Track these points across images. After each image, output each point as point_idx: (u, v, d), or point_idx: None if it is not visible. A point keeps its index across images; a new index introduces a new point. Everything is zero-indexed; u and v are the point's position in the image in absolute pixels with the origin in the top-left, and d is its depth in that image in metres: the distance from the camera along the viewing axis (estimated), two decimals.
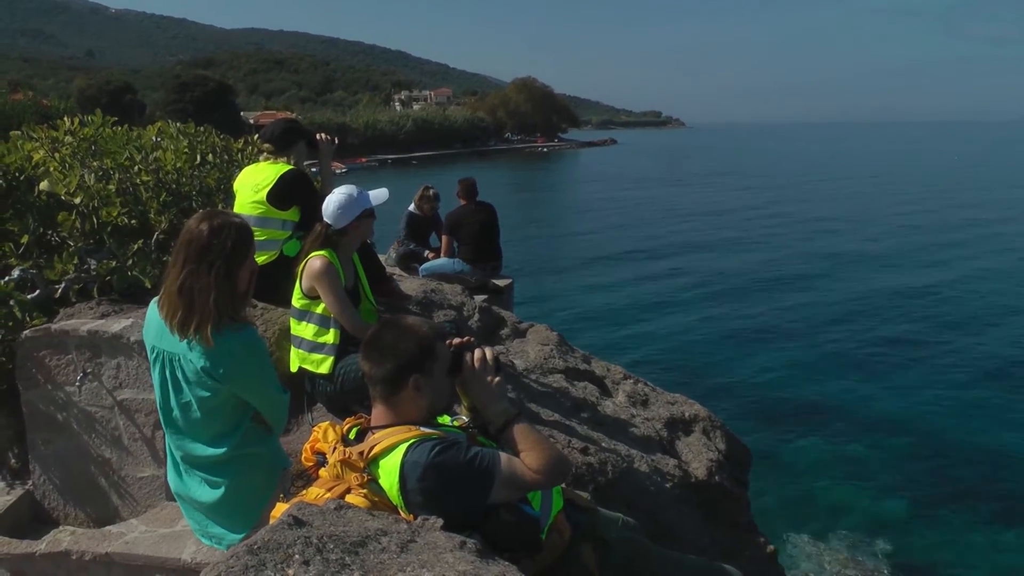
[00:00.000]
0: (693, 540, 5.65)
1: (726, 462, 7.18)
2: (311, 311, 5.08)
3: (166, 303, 3.41)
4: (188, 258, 3.35)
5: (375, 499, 2.84)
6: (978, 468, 16.70)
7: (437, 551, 2.42)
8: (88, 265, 6.23)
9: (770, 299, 30.90)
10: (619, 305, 30.39)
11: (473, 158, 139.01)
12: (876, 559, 13.26)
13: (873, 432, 18.47)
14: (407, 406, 3.05)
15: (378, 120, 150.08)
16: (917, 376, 22.21)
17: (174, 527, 5.27)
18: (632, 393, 7.76)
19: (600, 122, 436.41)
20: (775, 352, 24.39)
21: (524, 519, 3.01)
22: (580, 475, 5.30)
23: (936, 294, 31.45)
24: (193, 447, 3.61)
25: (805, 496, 15.59)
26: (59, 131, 7.32)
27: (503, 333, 7.92)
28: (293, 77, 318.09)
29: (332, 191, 5.37)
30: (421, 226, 11.51)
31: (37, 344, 5.43)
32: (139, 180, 6.89)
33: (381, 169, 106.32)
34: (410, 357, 3.02)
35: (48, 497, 5.70)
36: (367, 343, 3.09)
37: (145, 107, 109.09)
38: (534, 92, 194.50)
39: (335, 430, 3.15)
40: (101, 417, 5.50)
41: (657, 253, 41.68)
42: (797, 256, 40.13)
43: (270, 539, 2.30)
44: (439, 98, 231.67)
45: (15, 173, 6.36)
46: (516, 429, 3.08)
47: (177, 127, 8.35)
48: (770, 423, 18.82)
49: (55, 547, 5.30)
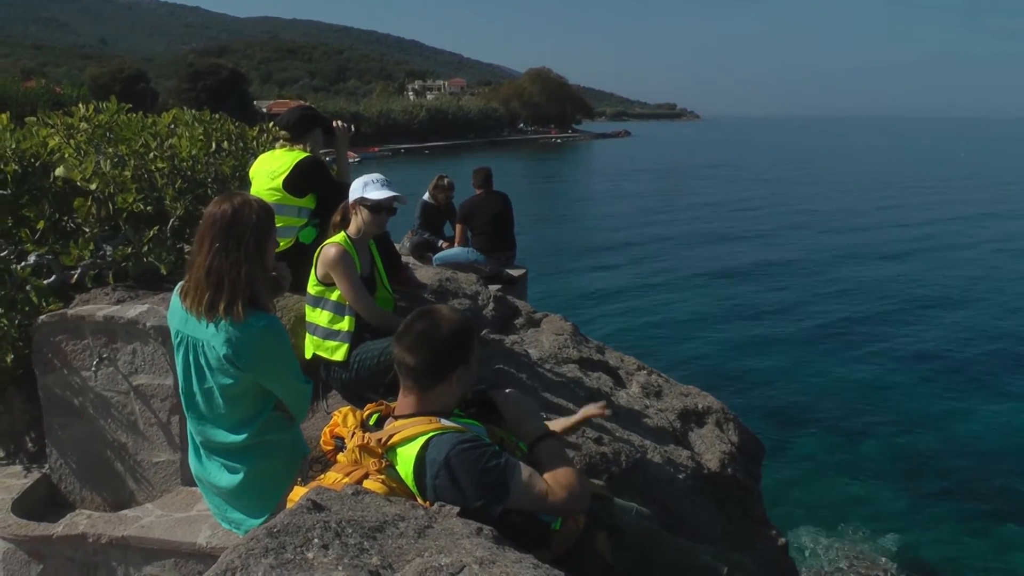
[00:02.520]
0: (705, 531, 5.65)
1: (739, 454, 7.18)
2: (326, 298, 5.09)
3: (192, 289, 3.41)
4: (215, 238, 3.35)
5: (392, 485, 2.85)
6: (991, 465, 16.61)
7: (454, 537, 2.42)
8: (104, 251, 6.25)
9: (786, 294, 30.74)
10: (633, 296, 30.29)
11: (487, 148, 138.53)
12: (886, 554, 13.22)
13: (886, 428, 18.39)
14: (441, 397, 3.05)
15: (391, 109, 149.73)
16: (933, 374, 22.08)
17: (189, 511, 5.30)
18: (646, 384, 7.76)
19: (614, 113, 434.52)
20: (789, 347, 24.27)
21: (532, 521, 3.01)
22: (594, 464, 5.31)
23: (964, 292, 31.20)
24: (214, 433, 3.62)
25: (817, 490, 15.54)
26: (74, 117, 7.32)
27: (517, 323, 7.92)
28: (306, 66, 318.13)
29: (349, 178, 5.37)
30: (435, 215, 11.51)
31: (53, 329, 5.45)
32: (154, 167, 6.89)
33: (394, 158, 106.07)
34: (452, 350, 3.02)
35: (65, 481, 5.74)
36: (403, 333, 3.06)
37: (158, 95, 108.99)
38: (548, 83, 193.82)
39: (355, 415, 3.15)
40: (117, 402, 5.52)
41: (672, 245, 41.50)
42: (816, 250, 39.83)
43: (289, 523, 2.31)
44: (453, 88, 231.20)
45: (30, 159, 6.37)
46: (550, 444, 3.10)
47: (192, 114, 8.34)
48: (783, 417, 18.76)
49: (72, 530, 5.33)
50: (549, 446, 3.09)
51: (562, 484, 2.93)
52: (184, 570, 5.09)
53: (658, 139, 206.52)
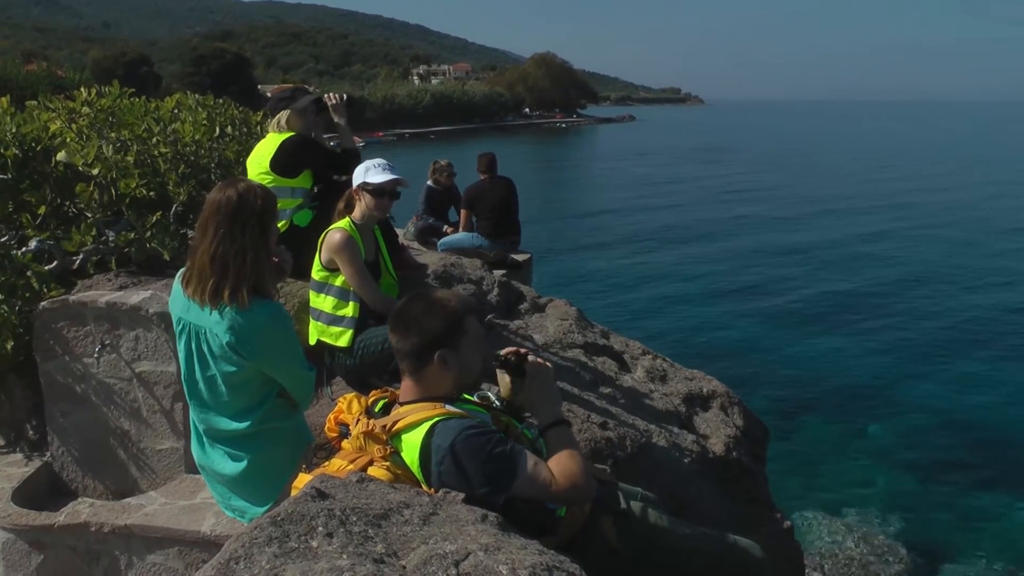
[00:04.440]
0: (711, 515, 5.63)
1: (744, 438, 7.16)
2: (330, 283, 5.07)
3: (195, 276, 3.39)
4: (219, 224, 3.33)
5: (397, 472, 2.83)
6: (995, 447, 16.64)
7: (459, 524, 2.40)
8: (106, 237, 6.23)
9: (789, 277, 30.76)
10: (637, 281, 30.33)
11: (492, 133, 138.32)
12: (891, 536, 13.24)
13: (890, 410, 18.44)
14: (433, 381, 3.03)
15: (396, 94, 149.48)
16: (937, 356, 22.11)
17: (193, 499, 5.29)
18: (650, 368, 7.74)
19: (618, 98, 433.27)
20: (793, 330, 24.33)
21: (537, 508, 2.99)
22: (599, 449, 5.29)
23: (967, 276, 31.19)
24: (217, 421, 3.60)
25: (822, 473, 15.59)
26: (76, 102, 7.29)
27: (522, 308, 7.89)
28: (311, 50, 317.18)
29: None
30: (440, 200, 11.51)
31: (55, 316, 5.44)
32: (157, 152, 6.88)
33: (399, 143, 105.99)
34: (436, 331, 3.00)
35: (66, 469, 5.73)
36: (395, 316, 3.06)
37: (161, 79, 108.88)
38: (553, 68, 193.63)
39: (360, 402, 3.13)
40: (119, 389, 5.51)
41: (676, 229, 41.52)
42: (819, 235, 39.84)
43: (293, 511, 2.29)
44: (458, 73, 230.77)
45: (32, 143, 6.36)
46: (561, 431, 3.08)
47: (196, 99, 8.32)
48: (788, 400, 18.80)
49: (74, 519, 5.32)
50: (559, 434, 3.06)
51: (567, 475, 2.91)
52: (188, 559, 5.08)
53: (662, 123, 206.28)
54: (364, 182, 5.13)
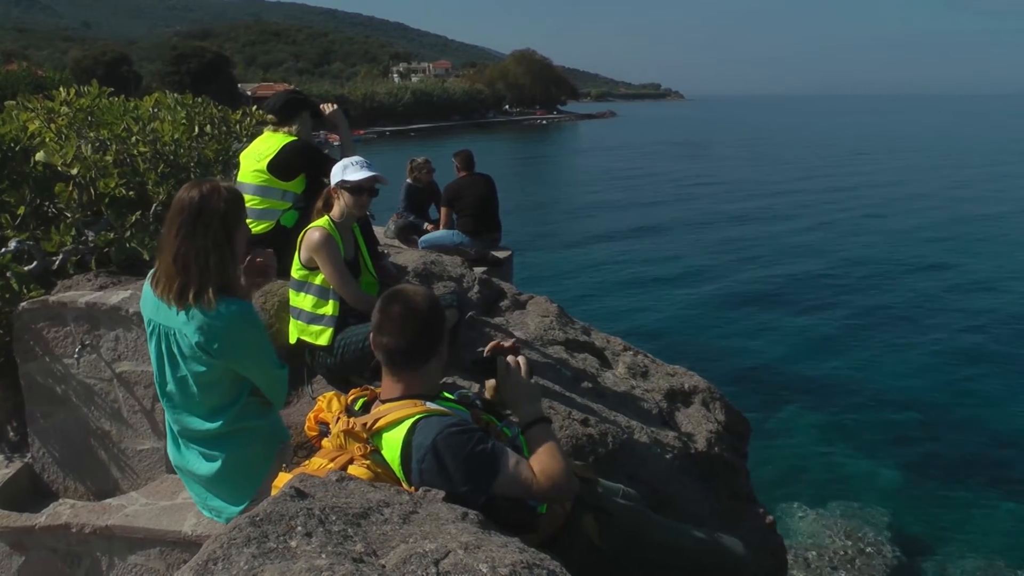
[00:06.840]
0: (693, 511, 5.65)
1: (726, 433, 7.18)
2: (310, 282, 5.06)
3: (162, 277, 3.39)
4: (183, 224, 3.34)
5: (377, 470, 2.83)
6: (976, 439, 16.76)
7: (439, 522, 2.41)
8: (86, 236, 6.21)
9: (769, 272, 30.87)
10: (619, 277, 30.38)
11: (472, 130, 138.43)
12: (874, 528, 13.30)
13: (870, 403, 18.54)
14: (424, 379, 3.04)
15: (376, 92, 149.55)
16: (916, 347, 22.24)
17: (174, 500, 5.27)
18: (632, 364, 7.75)
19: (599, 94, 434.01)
20: (774, 324, 24.42)
21: (518, 505, 3.00)
22: (581, 446, 5.29)
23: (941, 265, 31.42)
24: (190, 421, 3.60)
25: (804, 467, 15.65)
26: (55, 101, 7.25)
27: (503, 305, 7.89)
28: (291, 48, 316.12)
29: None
30: (420, 197, 11.53)
31: (35, 316, 5.41)
32: (136, 151, 6.84)
33: (379, 141, 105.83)
34: (438, 325, 3.02)
35: (47, 470, 5.70)
36: (385, 318, 3.02)
37: (141, 79, 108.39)
38: (533, 64, 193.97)
39: (339, 400, 3.14)
40: (100, 389, 5.48)
41: (656, 225, 41.60)
42: (795, 228, 40.05)
43: (272, 511, 2.29)
44: (438, 70, 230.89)
45: (10, 143, 6.32)
46: (541, 428, 3.08)
47: (175, 98, 8.28)
48: (769, 395, 18.86)
49: (55, 520, 5.30)
50: (540, 432, 3.07)
51: (547, 473, 2.92)
52: (169, 559, 5.07)
53: (643, 119, 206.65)
54: (342, 180, 5.12)
